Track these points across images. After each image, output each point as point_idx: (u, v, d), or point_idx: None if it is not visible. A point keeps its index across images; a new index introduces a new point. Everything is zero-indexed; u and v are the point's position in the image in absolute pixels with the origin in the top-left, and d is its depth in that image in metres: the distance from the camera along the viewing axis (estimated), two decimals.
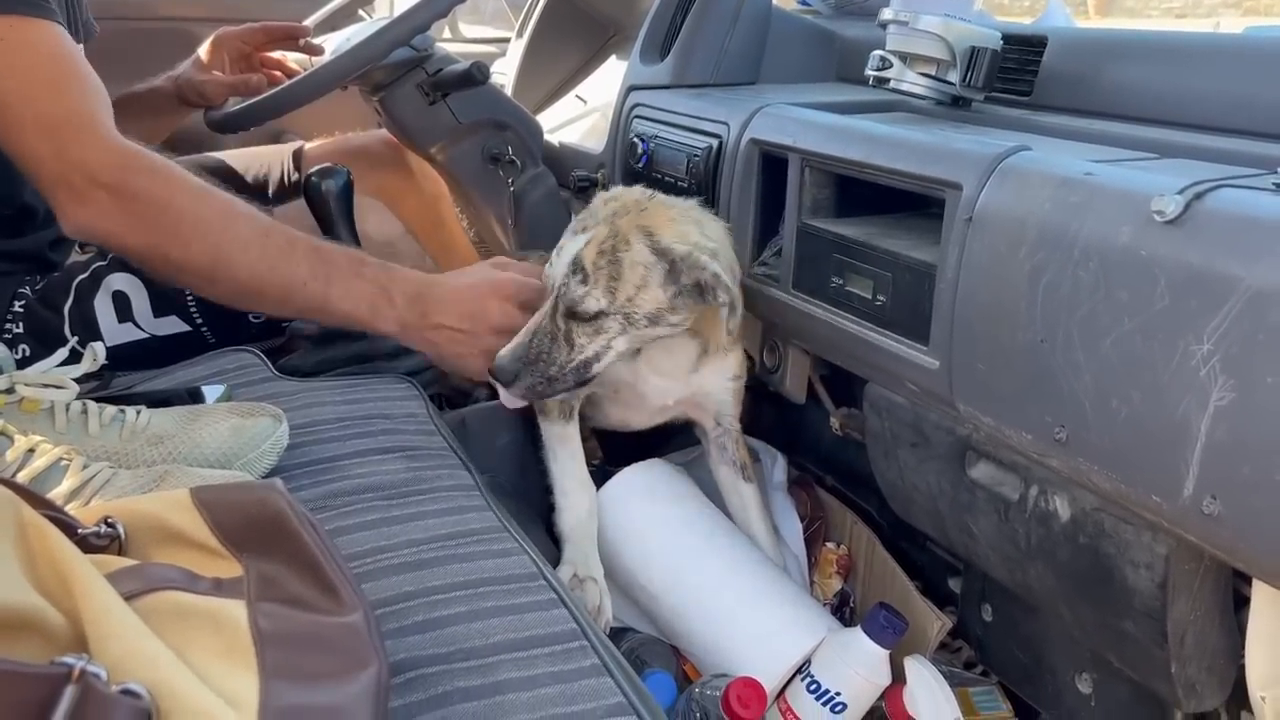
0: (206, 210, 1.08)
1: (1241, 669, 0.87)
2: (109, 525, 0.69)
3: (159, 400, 1.07)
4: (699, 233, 1.13)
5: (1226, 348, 0.69)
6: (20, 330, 1.33)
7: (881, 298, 1.03)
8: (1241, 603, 0.88)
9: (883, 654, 1.15)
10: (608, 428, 1.38)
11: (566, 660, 0.73)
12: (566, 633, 0.76)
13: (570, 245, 1.11)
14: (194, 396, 1.09)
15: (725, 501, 1.35)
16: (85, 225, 1.08)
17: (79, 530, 0.68)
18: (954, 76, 1.18)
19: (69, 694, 0.47)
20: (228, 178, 1.77)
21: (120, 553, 0.70)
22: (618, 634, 1.24)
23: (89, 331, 1.33)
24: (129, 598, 0.60)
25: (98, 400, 1.00)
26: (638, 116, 1.49)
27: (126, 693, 0.49)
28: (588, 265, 1.08)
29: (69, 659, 0.48)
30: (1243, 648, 0.85)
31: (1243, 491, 0.69)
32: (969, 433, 1.00)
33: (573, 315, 1.10)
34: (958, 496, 1.04)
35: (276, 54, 1.77)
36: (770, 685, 1.13)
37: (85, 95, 1.07)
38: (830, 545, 1.43)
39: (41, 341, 1.31)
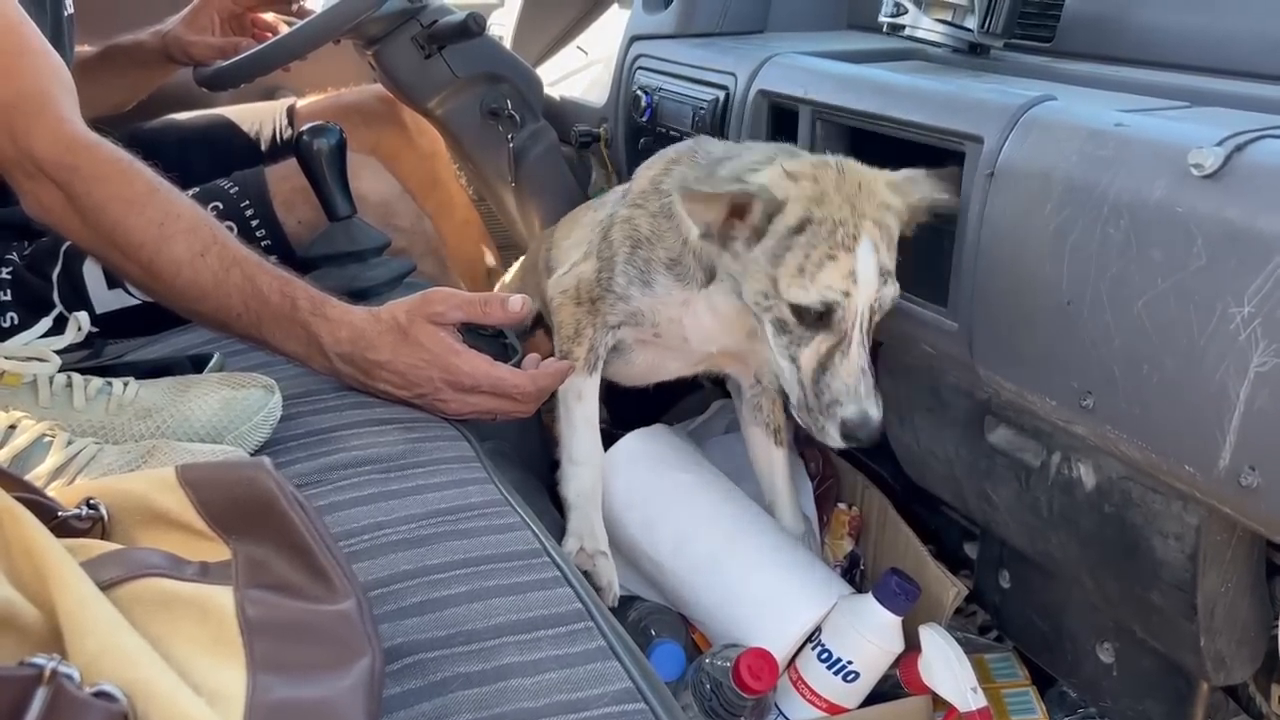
0: (141, 225, 1.00)
1: (1273, 640, 0.84)
2: (91, 507, 0.66)
3: (153, 370, 1.03)
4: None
5: (1269, 310, 0.65)
6: (8, 298, 1.29)
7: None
8: (1274, 572, 0.85)
9: (895, 621, 1.12)
10: (628, 382, 1.30)
11: (572, 642, 0.70)
12: (572, 613, 0.73)
13: (864, 260, 0.90)
14: (195, 364, 1.05)
15: (752, 464, 1.31)
16: (37, 213, 1.03)
17: (59, 513, 0.65)
18: (972, 22, 1.12)
19: (39, 697, 0.44)
20: (220, 136, 1.72)
21: (104, 535, 0.67)
22: (625, 603, 1.22)
23: (78, 298, 1.30)
24: (110, 585, 0.57)
25: (87, 371, 0.96)
26: (641, 68, 1.44)
27: (101, 695, 0.46)
28: (889, 264, 0.92)
29: (39, 659, 0.45)
30: (1275, 619, 0.82)
31: None
32: (988, 397, 0.96)
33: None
34: (976, 463, 1.01)
35: (269, 16, 1.71)
36: (781, 654, 1.10)
37: (38, 75, 1.01)
38: (842, 506, 1.40)
39: (30, 309, 1.28)
